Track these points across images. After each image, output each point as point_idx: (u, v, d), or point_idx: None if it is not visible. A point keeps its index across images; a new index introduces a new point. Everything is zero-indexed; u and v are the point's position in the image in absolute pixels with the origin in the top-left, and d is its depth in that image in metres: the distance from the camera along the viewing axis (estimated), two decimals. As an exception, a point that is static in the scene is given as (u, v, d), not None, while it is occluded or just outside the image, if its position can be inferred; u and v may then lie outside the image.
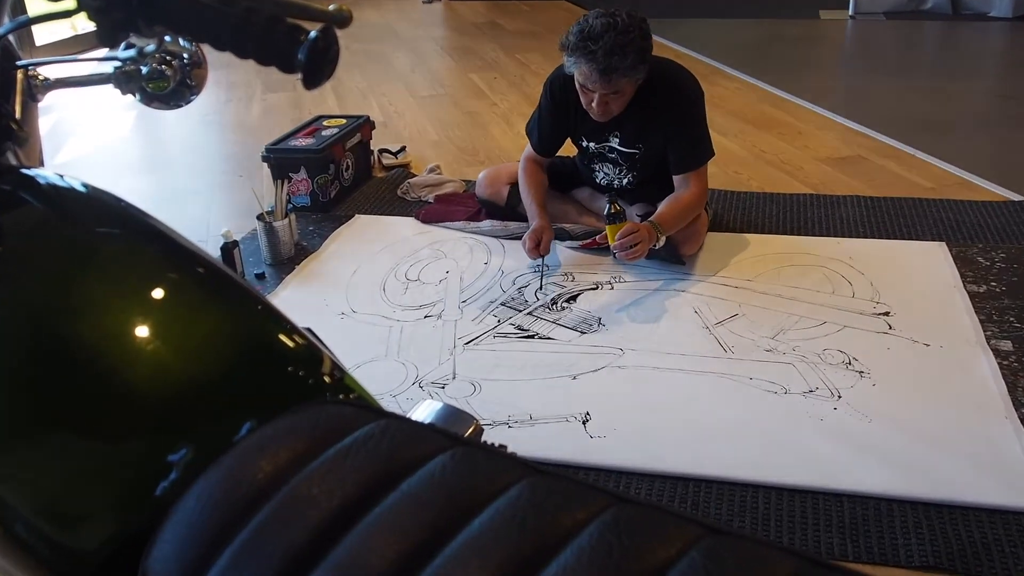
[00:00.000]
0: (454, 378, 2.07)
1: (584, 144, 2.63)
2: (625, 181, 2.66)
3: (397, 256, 2.75)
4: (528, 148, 2.73)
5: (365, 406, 0.68)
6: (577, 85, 2.36)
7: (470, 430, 0.94)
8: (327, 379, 0.76)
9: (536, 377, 2.07)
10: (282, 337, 0.77)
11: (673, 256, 2.54)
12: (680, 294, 2.44)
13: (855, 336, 2.18)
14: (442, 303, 2.44)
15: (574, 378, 2.06)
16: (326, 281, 2.60)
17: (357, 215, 3.07)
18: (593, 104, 2.34)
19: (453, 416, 0.99)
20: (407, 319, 2.36)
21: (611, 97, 2.32)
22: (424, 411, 0.96)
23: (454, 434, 0.64)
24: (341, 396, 0.75)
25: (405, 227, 2.96)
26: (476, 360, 2.15)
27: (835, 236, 2.77)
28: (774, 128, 3.93)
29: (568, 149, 2.74)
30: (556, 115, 2.57)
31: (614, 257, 2.34)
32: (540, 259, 2.54)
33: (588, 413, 1.91)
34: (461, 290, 2.51)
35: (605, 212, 2.34)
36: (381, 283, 2.57)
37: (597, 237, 2.53)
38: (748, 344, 2.17)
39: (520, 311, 2.38)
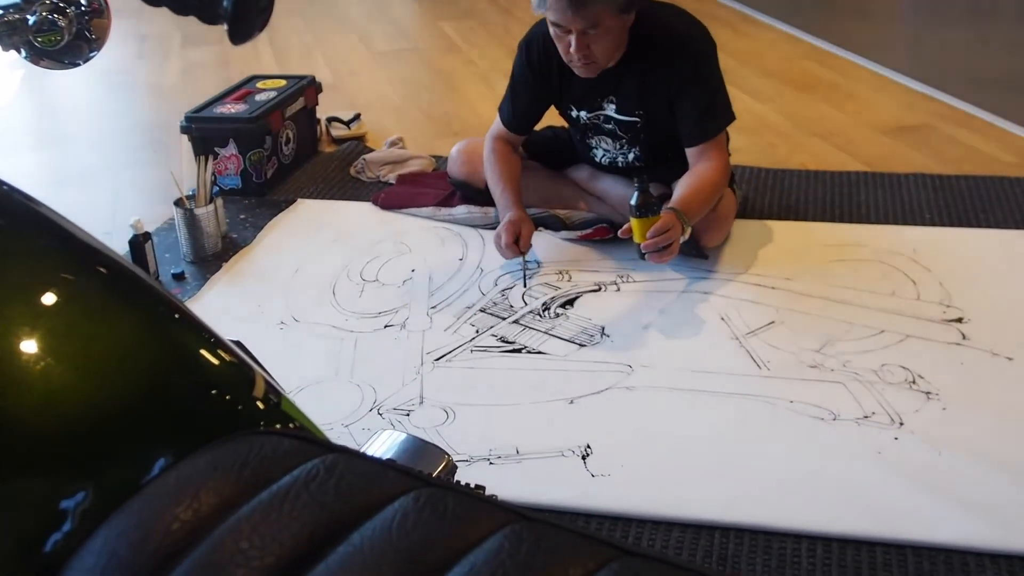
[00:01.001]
0: (421, 403, 2.09)
1: (575, 114, 2.66)
2: (630, 158, 2.68)
3: (350, 251, 2.75)
4: (496, 125, 2.76)
5: (308, 438, 0.68)
6: (552, 32, 2.41)
7: (440, 468, 0.94)
8: (260, 405, 0.76)
9: (524, 401, 2.08)
10: (204, 353, 0.78)
11: (694, 249, 2.56)
12: (703, 297, 2.45)
13: (921, 348, 2.20)
14: (406, 309, 2.45)
15: (571, 402, 2.07)
16: (261, 282, 2.61)
17: (300, 200, 3.09)
18: (572, 50, 2.37)
19: (419, 450, 0.99)
20: (363, 329, 2.37)
21: (591, 36, 2.35)
22: (383, 444, 0.96)
23: (418, 473, 0.64)
24: (278, 426, 0.75)
25: (360, 214, 2.97)
26: (449, 380, 2.16)
27: (895, 224, 2.80)
28: (819, 90, 3.97)
29: (559, 119, 2.77)
30: (535, 81, 2.60)
31: (641, 258, 2.36)
32: (520, 258, 2.56)
33: (589, 446, 1.92)
34: (430, 293, 2.52)
35: (633, 202, 2.35)
36: (330, 285, 2.59)
37: (619, 232, 2.48)
38: (788, 359, 2.19)
39: (504, 319, 2.40)
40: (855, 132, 3.50)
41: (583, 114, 2.63)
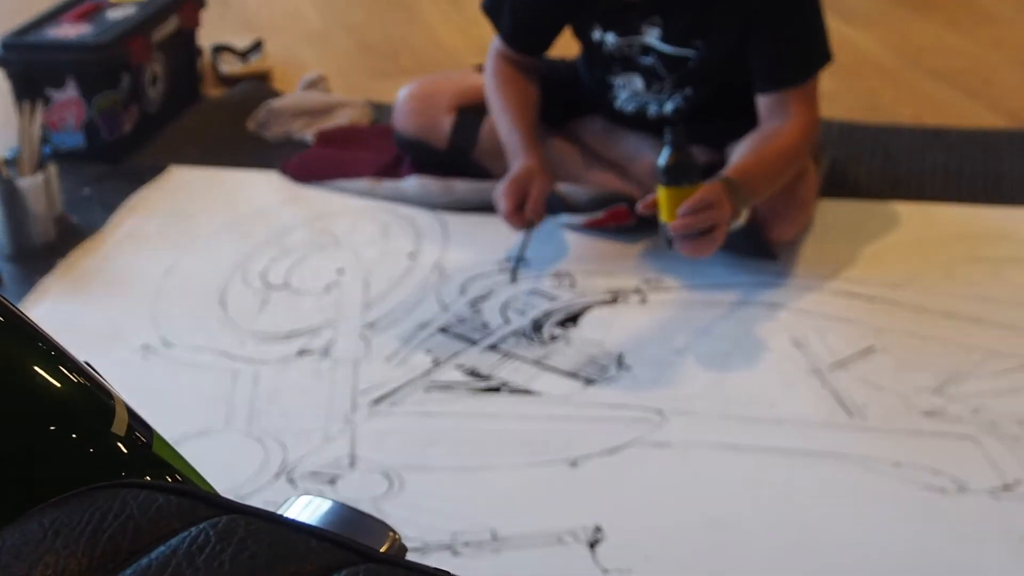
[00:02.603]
0: (352, 465, 2.09)
1: (597, 37, 2.66)
2: (669, 108, 2.68)
3: (248, 243, 2.75)
4: (496, 41, 2.78)
5: (191, 492, 0.69)
6: None
7: (384, 547, 0.95)
8: (122, 445, 0.77)
9: (504, 464, 2.09)
10: (38, 371, 0.78)
11: (755, 243, 2.56)
12: (769, 312, 2.45)
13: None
14: (331, 329, 2.46)
15: (574, 465, 2.08)
16: (115, 288, 2.61)
17: (173, 166, 3.09)
18: None
19: (351, 523, 0.99)
20: (266, 358, 2.38)
21: None
22: (298, 514, 0.98)
23: (356, 544, 0.66)
24: (148, 476, 0.76)
25: (262, 189, 2.97)
26: (394, 433, 2.16)
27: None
28: (940, 9, 3.97)
29: (564, 47, 2.76)
30: None
31: (668, 245, 2.37)
32: (526, 231, 2.58)
33: (599, 528, 1.92)
34: (366, 305, 2.52)
35: (661, 161, 2.37)
36: (218, 292, 2.59)
37: (639, 205, 2.49)
38: (893, 403, 2.19)
39: (475, 343, 2.40)
40: (994, 71, 3.51)
41: (610, 38, 2.65)
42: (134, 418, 0.80)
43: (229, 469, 2.08)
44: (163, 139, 3.26)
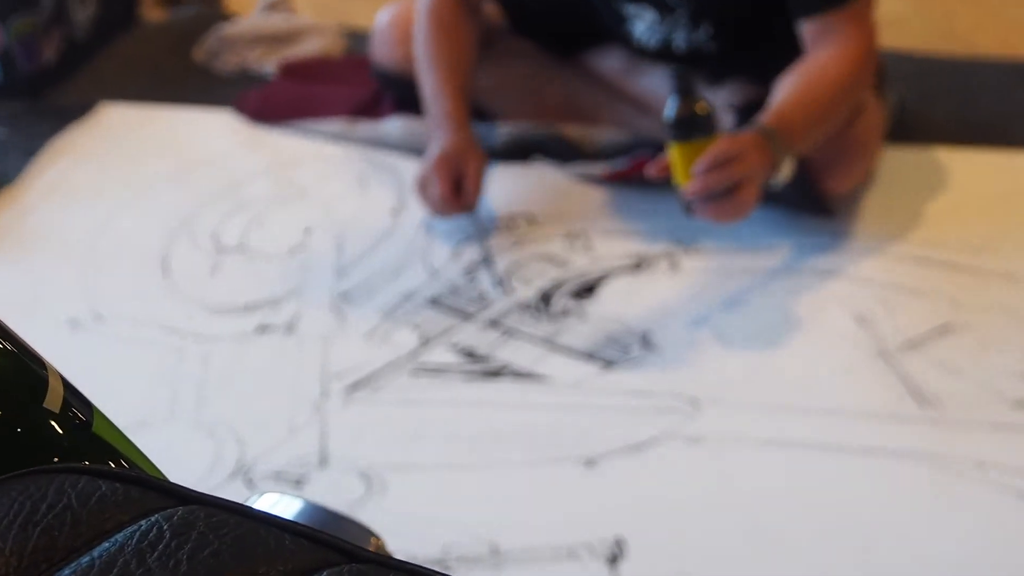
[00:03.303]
0: (323, 464, 2.10)
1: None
2: (701, 38, 2.67)
3: (196, 195, 2.75)
4: None
5: (140, 479, 0.69)
6: None
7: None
8: (56, 424, 0.77)
9: (506, 463, 2.10)
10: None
11: (807, 197, 2.56)
12: (823, 281, 2.46)
13: None
14: (295, 299, 2.46)
15: (590, 464, 2.09)
16: (37, 249, 2.62)
17: (104, 103, 3.09)
18: None
19: (326, 525, 1.04)
20: (219, 334, 2.38)
21: None
22: (271, 506, 0.99)
23: (336, 540, 0.66)
24: (87, 460, 0.77)
25: (214, 131, 2.97)
26: (373, 424, 2.17)
27: None
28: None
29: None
30: None
31: (687, 213, 2.38)
32: (476, 229, 2.61)
33: (620, 541, 1.93)
34: (340, 271, 2.53)
35: (668, 111, 2.36)
36: (160, 255, 2.60)
37: (648, 170, 2.48)
38: (975, 392, 2.19)
39: (471, 317, 2.41)
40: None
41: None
42: (71, 392, 0.80)
43: (174, 467, 1.93)
44: (93, 71, 3.26)
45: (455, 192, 2.53)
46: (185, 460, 2.12)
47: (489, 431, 2.17)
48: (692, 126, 2.33)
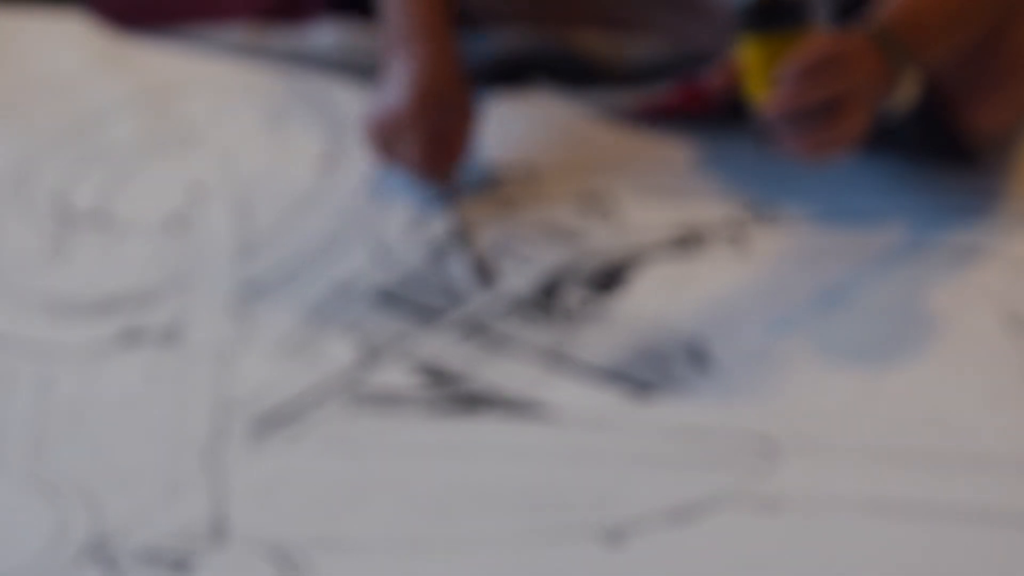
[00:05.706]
0: (218, 539, 1.81)
1: None
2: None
3: (33, 136, 2.55)
4: None
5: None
6: None
7: None
8: None
9: (491, 538, 1.79)
10: None
11: (938, 136, 2.30)
12: (963, 263, 2.19)
13: None
14: (179, 293, 2.23)
15: (613, 539, 1.79)
16: None
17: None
18: None
19: None
20: (65, 345, 2.13)
21: None
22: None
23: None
24: None
25: (58, 42, 2.76)
26: (292, 480, 1.89)
27: None
28: None
29: None
30: None
31: (762, 139, 2.12)
32: (449, 203, 2.38)
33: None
34: (243, 249, 2.28)
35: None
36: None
37: (699, 86, 2.31)
38: None
39: (438, 315, 2.15)
40: None
41: None
42: None
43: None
44: None
45: (441, 149, 2.25)
46: (13, 531, 1.80)
47: (464, 490, 1.83)
48: (776, 12, 2.03)
